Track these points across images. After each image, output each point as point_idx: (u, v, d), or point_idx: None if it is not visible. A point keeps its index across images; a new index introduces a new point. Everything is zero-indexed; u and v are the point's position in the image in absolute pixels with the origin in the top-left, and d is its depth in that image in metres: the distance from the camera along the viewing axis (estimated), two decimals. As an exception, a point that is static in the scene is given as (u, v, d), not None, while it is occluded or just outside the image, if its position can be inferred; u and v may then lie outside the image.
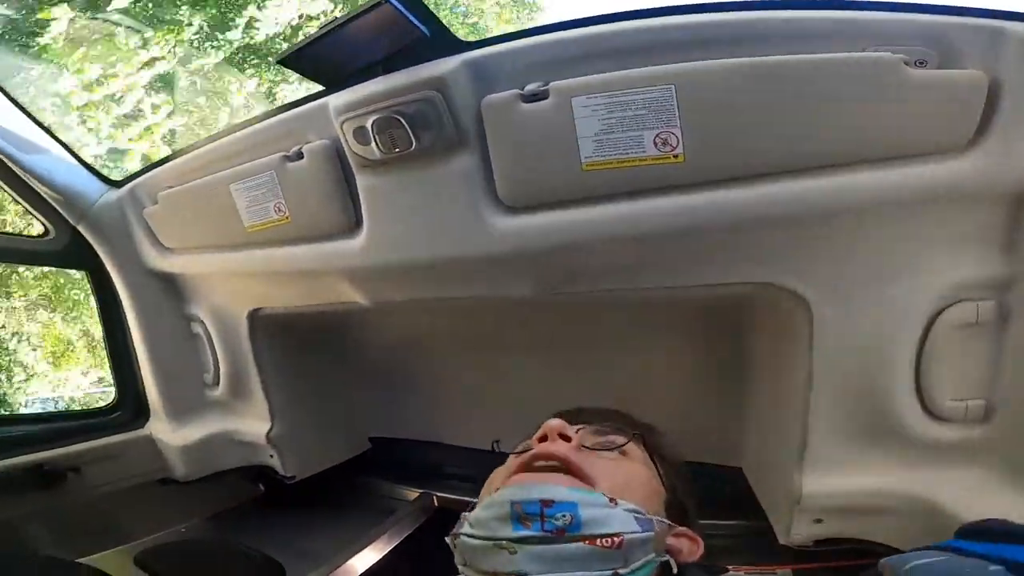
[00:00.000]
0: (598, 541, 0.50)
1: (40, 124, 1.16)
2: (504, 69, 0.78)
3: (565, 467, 0.57)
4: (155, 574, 1.18)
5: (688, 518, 0.64)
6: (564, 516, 0.50)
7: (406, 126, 0.81)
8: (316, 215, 0.97)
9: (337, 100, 0.86)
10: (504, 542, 0.50)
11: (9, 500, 1.19)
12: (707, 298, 0.89)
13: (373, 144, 0.84)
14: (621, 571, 0.50)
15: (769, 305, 0.89)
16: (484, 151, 0.82)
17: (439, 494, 1.39)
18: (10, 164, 1.13)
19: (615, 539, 0.50)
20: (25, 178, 1.15)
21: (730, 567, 1.07)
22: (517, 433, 0.69)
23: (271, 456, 1.39)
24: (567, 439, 0.61)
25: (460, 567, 0.55)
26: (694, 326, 1.12)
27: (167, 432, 1.38)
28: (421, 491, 1.41)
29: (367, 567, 1.18)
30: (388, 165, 0.87)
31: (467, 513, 0.57)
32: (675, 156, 0.72)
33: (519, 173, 0.81)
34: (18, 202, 1.17)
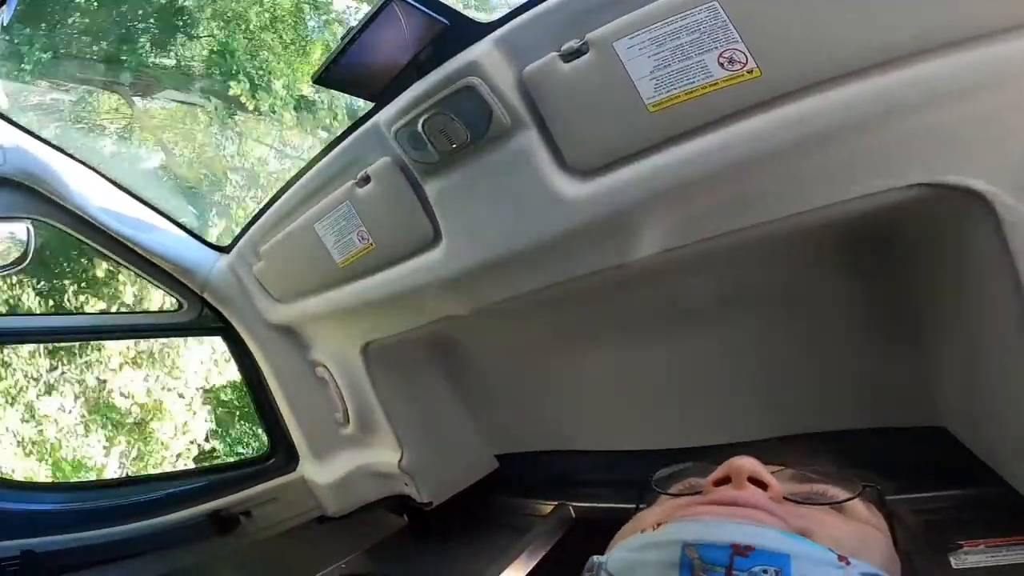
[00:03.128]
0: None
1: (146, 203, 1.26)
2: (535, 37, 0.75)
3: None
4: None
5: None
6: (768, 573, 0.33)
7: (455, 119, 0.79)
8: (396, 235, 0.97)
9: (384, 115, 0.87)
10: None
11: (194, 546, 1.32)
12: (848, 223, 0.72)
13: (429, 147, 0.84)
14: None
15: (929, 217, 0.71)
16: (540, 122, 0.78)
17: (575, 504, 1.30)
18: (132, 246, 1.22)
19: None
20: (149, 257, 1.24)
21: (963, 542, 0.86)
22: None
23: (406, 484, 1.41)
24: (762, 486, 0.42)
25: None
26: (839, 264, 0.91)
27: (315, 472, 1.46)
28: (556, 503, 1.33)
29: (511, 586, 1.13)
30: (450, 164, 0.86)
31: (599, 559, 0.40)
32: (749, 72, 0.63)
33: (583, 133, 0.75)
34: (150, 281, 1.30)
